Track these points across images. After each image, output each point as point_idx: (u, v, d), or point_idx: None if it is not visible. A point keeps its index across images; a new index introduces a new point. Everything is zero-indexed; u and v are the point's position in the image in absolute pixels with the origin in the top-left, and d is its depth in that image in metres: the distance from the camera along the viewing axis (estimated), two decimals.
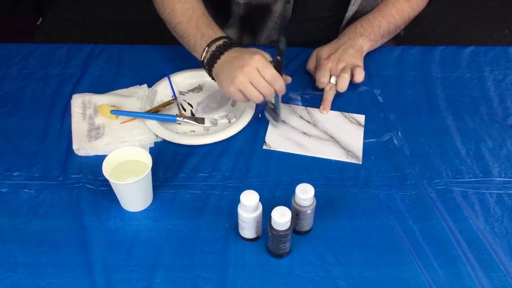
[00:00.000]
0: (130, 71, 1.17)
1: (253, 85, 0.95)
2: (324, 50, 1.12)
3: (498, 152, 1.01)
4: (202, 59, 1.02)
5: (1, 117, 1.08)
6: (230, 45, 1.00)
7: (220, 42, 1.00)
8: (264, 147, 1.02)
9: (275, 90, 0.96)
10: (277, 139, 1.03)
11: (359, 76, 1.07)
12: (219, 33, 1.02)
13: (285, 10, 1.12)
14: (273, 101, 1.03)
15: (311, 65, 1.13)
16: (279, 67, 0.97)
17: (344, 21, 1.18)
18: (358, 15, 1.17)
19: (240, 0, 1.18)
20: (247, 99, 0.97)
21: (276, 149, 1.01)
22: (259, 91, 0.95)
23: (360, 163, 0.99)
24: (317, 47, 1.14)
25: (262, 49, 0.99)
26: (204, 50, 1.01)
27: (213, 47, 1.00)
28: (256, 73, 0.94)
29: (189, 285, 0.82)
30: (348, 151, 1.01)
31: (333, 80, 1.09)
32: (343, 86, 1.07)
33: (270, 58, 0.98)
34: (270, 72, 0.95)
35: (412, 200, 0.93)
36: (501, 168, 0.98)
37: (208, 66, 1.01)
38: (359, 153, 1.01)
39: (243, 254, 0.86)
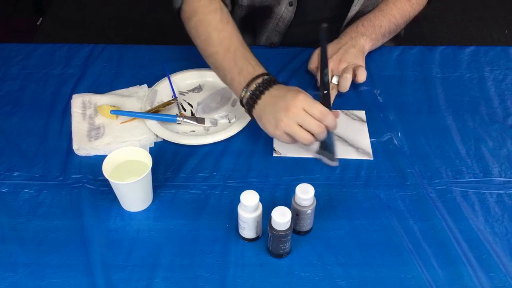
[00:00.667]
0: (130, 71, 1.17)
1: (301, 127, 0.90)
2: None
3: (498, 152, 1.01)
4: (240, 98, 0.96)
5: (1, 117, 1.08)
6: (270, 83, 0.94)
7: (259, 80, 0.94)
8: (275, 154, 1.00)
9: (326, 128, 0.92)
10: (286, 145, 0.99)
11: (362, 76, 1.07)
12: (258, 68, 0.96)
13: (324, 37, 1.01)
14: (324, 139, 0.96)
15: (312, 65, 1.13)
16: (327, 102, 0.93)
17: (346, 21, 1.18)
18: (360, 14, 1.17)
19: (243, 3, 1.17)
20: (295, 141, 0.93)
21: (287, 155, 1.00)
22: (309, 131, 0.91)
23: (372, 159, 0.99)
24: (318, 47, 1.15)
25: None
26: (242, 89, 0.95)
27: (253, 86, 0.94)
28: (303, 114, 0.89)
29: (189, 285, 0.82)
30: (357, 148, 1.01)
31: (334, 80, 1.08)
32: (345, 86, 1.07)
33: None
34: (318, 109, 0.90)
35: (412, 200, 0.93)
36: (501, 168, 0.98)
37: (248, 106, 0.95)
38: (369, 149, 1.00)
39: (243, 254, 0.86)
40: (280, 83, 0.96)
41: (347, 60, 1.09)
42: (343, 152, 1.00)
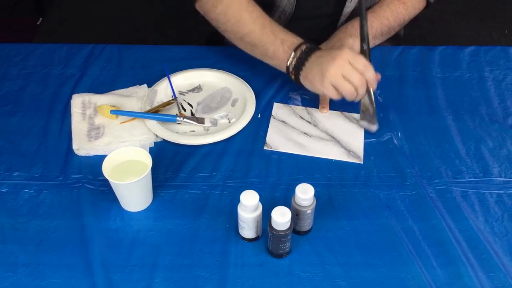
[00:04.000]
0: (130, 71, 1.17)
1: (345, 79, 0.94)
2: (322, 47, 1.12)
3: (498, 152, 1.01)
4: (288, 64, 1.01)
5: (1, 117, 1.08)
6: (314, 48, 1.00)
7: (304, 46, 1.00)
8: (265, 147, 1.02)
9: (366, 82, 0.96)
10: (278, 139, 1.03)
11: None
12: (298, 38, 1.02)
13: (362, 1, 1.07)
14: (365, 99, 1.02)
15: None
16: (367, 57, 0.98)
17: (342, 17, 1.18)
18: (358, 11, 1.17)
19: None
20: (340, 94, 0.97)
21: (278, 150, 1.01)
22: (351, 84, 0.95)
23: (362, 162, 0.99)
24: (318, 44, 1.15)
25: None
26: (289, 56, 1.00)
27: (298, 52, 0.99)
28: (348, 65, 0.94)
29: (189, 285, 0.82)
30: (349, 151, 1.01)
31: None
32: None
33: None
34: (362, 61, 0.95)
35: (412, 200, 0.93)
36: (501, 168, 0.98)
37: (296, 70, 1.00)
38: (360, 153, 1.01)
39: (243, 254, 0.86)
40: (322, 49, 1.01)
41: None
42: (334, 153, 1.01)
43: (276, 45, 1.02)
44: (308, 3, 1.18)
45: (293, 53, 1.00)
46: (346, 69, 0.94)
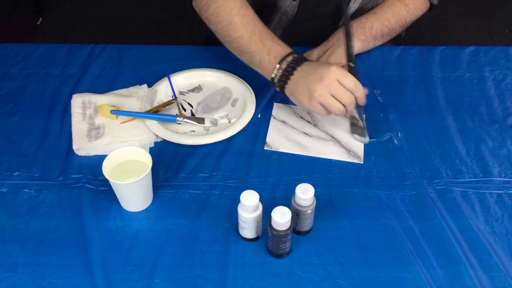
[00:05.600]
0: (130, 71, 1.17)
1: (333, 97, 0.93)
2: (313, 54, 1.13)
3: (498, 152, 1.01)
4: (272, 76, 0.99)
5: (1, 117, 1.08)
6: (301, 60, 0.98)
7: (290, 58, 0.98)
8: (265, 147, 1.02)
9: (355, 99, 0.95)
10: (278, 139, 1.03)
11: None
12: (286, 48, 1.00)
13: (346, 9, 1.07)
14: (355, 114, 1.01)
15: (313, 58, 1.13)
16: (353, 75, 0.96)
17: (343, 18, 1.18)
18: (361, 11, 1.17)
19: None
20: (328, 112, 0.96)
21: (278, 150, 1.01)
22: (340, 101, 0.94)
23: (362, 162, 0.99)
24: (319, 44, 1.15)
25: None
26: (274, 67, 0.98)
27: (284, 64, 0.97)
28: (336, 84, 0.93)
29: (189, 285, 0.82)
30: (349, 151, 1.01)
31: None
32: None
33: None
34: (352, 80, 0.94)
35: (412, 200, 0.93)
36: (501, 168, 0.98)
37: (280, 83, 0.99)
38: (360, 152, 1.01)
39: (243, 254, 0.86)
40: (309, 61, 0.99)
41: (333, 61, 1.09)
42: (334, 153, 1.01)
43: (262, 54, 1.00)
44: (309, 4, 1.18)
45: (278, 65, 0.98)
46: (334, 88, 0.93)
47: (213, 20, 1.06)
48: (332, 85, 0.93)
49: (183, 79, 1.14)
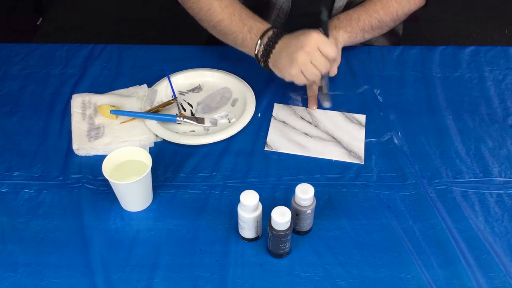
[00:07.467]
0: (130, 71, 1.17)
1: (313, 65, 0.95)
2: None
3: (498, 152, 1.01)
4: (256, 52, 1.02)
5: (1, 117, 1.08)
6: (281, 33, 1.00)
7: (270, 33, 1.00)
8: (266, 148, 1.02)
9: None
10: (278, 140, 1.03)
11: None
12: (265, 24, 1.03)
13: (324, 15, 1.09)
14: (325, 81, 1.05)
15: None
16: (326, 30, 0.99)
17: (334, 11, 1.17)
18: (352, 6, 1.16)
19: None
20: (305, 79, 0.98)
21: (278, 151, 1.01)
22: (317, 69, 0.96)
23: (363, 163, 0.99)
24: None
25: None
26: (256, 43, 1.01)
27: (265, 39, 1.00)
28: (317, 53, 0.95)
29: (189, 285, 0.82)
30: (350, 151, 1.01)
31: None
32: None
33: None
34: (333, 49, 0.96)
35: (412, 200, 0.93)
36: (501, 168, 0.98)
37: (264, 58, 1.01)
38: (361, 153, 1.01)
39: (243, 254, 0.86)
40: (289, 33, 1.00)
41: None
42: (335, 154, 1.01)
43: (243, 33, 1.03)
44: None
45: (259, 41, 1.00)
46: (315, 57, 0.95)
47: (195, 8, 1.09)
48: (314, 54, 0.94)
49: (183, 79, 1.14)
